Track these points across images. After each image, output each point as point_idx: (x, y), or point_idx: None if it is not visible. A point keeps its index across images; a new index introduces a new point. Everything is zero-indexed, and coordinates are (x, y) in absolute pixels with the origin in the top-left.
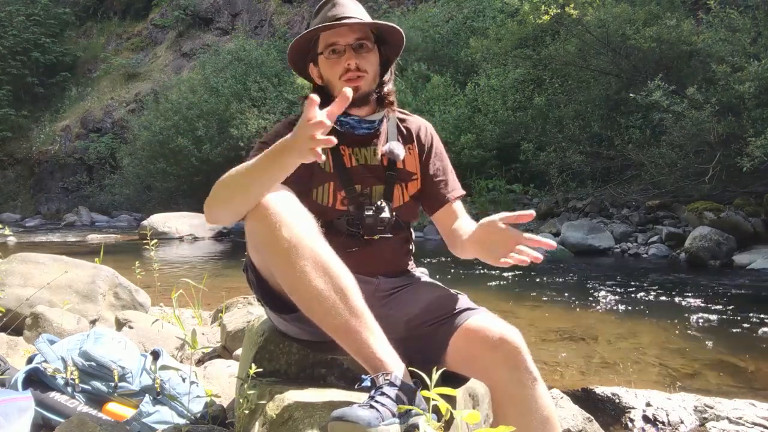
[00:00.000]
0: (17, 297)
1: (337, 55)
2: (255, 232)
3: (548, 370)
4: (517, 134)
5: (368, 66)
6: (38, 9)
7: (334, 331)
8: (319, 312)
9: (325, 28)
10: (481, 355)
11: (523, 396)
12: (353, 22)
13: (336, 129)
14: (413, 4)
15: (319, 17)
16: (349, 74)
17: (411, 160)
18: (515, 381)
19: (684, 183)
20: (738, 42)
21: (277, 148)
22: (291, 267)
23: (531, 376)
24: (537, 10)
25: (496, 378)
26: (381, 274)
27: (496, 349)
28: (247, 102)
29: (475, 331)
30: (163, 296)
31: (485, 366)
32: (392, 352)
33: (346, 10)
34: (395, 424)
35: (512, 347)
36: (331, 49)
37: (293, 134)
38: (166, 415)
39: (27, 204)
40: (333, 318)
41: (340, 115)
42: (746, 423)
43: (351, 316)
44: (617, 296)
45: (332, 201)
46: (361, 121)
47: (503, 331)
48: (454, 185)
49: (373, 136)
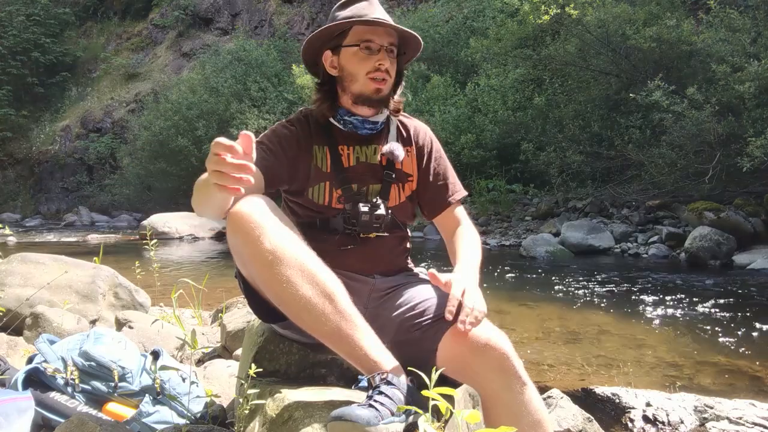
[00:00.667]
0: (17, 297)
1: (369, 52)
2: (237, 245)
3: (548, 370)
4: (517, 134)
5: (392, 71)
6: (38, 9)
7: (326, 337)
8: (308, 320)
9: (367, 23)
10: (468, 360)
11: (513, 401)
12: (394, 25)
13: (339, 128)
14: (413, 4)
15: (350, 10)
16: (378, 74)
17: (408, 162)
18: (504, 386)
19: (684, 183)
20: (738, 42)
21: (201, 182)
22: (276, 278)
23: (520, 380)
24: (537, 10)
25: (484, 383)
26: (377, 273)
27: (483, 354)
28: (247, 102)
29: (462, 336)
30: (163, 296)
31: (473, 371)
32: (386, 352)
33: (380, 12)
34: (394, 423)
35: (499, 353)
36: (366, 45)
37: None
38: (166, 415)
39: (27, 204)
40: (323, 324)
41: (345, 115)
42: (746, 423)
43: (341, 321)
44: (617, 296)
45: (328, 200)
46: (364, 122)
47: (490, 335)
48: (454, 189)
49: (376, 135)
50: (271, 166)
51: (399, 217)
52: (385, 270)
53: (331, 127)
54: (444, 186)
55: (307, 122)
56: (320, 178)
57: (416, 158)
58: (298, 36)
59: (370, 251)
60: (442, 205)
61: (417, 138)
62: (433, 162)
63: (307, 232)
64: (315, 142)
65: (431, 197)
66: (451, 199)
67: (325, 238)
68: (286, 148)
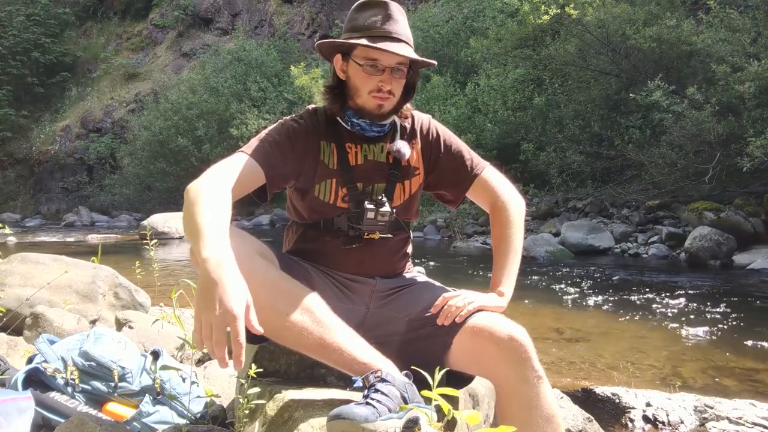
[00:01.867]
0: (17, 297)
1: (374, 70)
2: None
3: (548, 370)
4: (517, 134)
5: (397, 89)
6: (38, 9)
7: (311, 350)
8: (290, 338)
9: (376, 47)
10: (487, 353)
11: (528, 393)
12: (404, 54)
13: (346, 128)
14: (413, 4)
15: (364, 17)
16: (381, 94)
17: (414, 155)
18: (520, 378)
19: (684, 183)
20: (738, 42)
21: (206, 267)
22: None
23: (536, 373)
24: (537, 10)
25: (501, 375)
26: (378, 275)
27: (504, 346)
28: (247, 102)
29: (482, 329)
30: (163, 296)
31: (491, 363)
32: (374, 352)
33: (398, 28)
34: (392, 419)
35: (519, 345)
36: (371, 63)
37: (218, 290)
38: (166, 415)
39: (27, 204)
40: (305, 339)
41: (353, 117)
42: (746, 423)
43: (323, 331)
44: (617, 296)
45: (334, 198)
46: (372, 125)
47: (511, 329)
48: (473, 163)
49: (383, 135)
50: (277, 165)
51: (402, 216)
52: (386, 272)
53: (338, 125)
54: (462, 163)
55: (316, 117)
56: (326, 175)
57: (422, 150)
58: (298, 36)
59: (373, 253)
60: (467, 182)
61: (421, 128)
62: (443, 145)
63: (311, 233)
64: (323, 137)
65: (452, 179)
66: (476, 171)
67: (328, 240)
68: (294, 140)
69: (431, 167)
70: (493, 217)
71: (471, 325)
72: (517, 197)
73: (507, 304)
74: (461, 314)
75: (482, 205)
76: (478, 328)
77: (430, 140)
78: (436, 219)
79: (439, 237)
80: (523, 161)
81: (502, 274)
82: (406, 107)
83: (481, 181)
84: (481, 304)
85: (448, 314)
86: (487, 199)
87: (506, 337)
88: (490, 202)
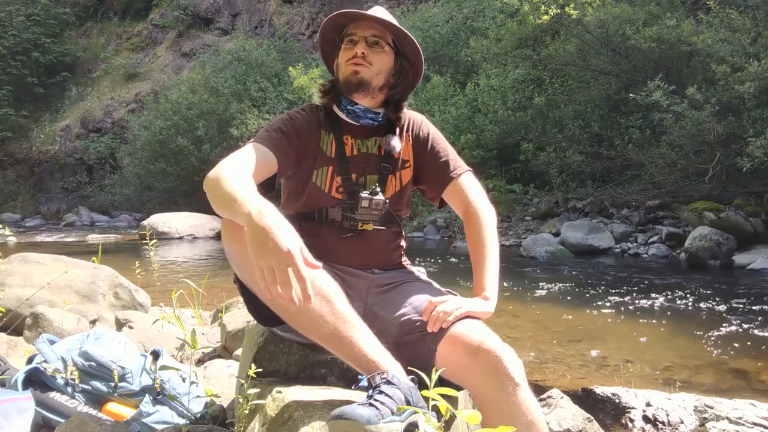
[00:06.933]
0: (17, 297)
1: (352, 44)
2: (231, 250)
3: (548, 370)
4: (517, 134)
5: (376, 60)
6: (38, 9)
7: (324, 339)
8: (305, 324)
9: (345, 15)
10: (461, 363)
11: (506, 402)
12: (371, 15)
13: (342, 118)
14: (413, 4)
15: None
16: (355, 59)
17: (405, 149)
18: (496, 388)
19: (684, 183)
20: (738, 42)
21: (254, 220)
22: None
23: (512, 382)
24: (537, 10)
25: (477, 384)
26: (375, 267)
27: (476, 356)
28: (247, 102)
29: (456, 338)
30: (163, 296)
31: (465, 373)
32: (385, 352)
33: (377, 13)
34: (395, 422)
35: (492, 355)
36: (349, 38)
37: (273, 235)
38: (166, 415)
39: (27, 204)
40: (321, 327)
41: (348, 104)
42: (746, 423)
43: (338, 322)
44: (617, 296)
45: (329, 186)
46: (366, 111)
47: (483, 338)
48: (456, 164)
49: (376, 128)
50: (286, 151)
51: (394, 207)
52: (381, 264)
53: (337, 117)
54: (445, 163)
55: (317, 110)
56: (324, 162)
57: (412, 144)
58: (298, 36)
59: (366, 243)
60: (445, 181)
61: (412, 125)
62: (431, 143)
63: (305, 225)
64: (323, 127)
65: (433, 177)
66: (453, 174)
67: (323, 232)
68: (298, 129)
69: (418, 161)
70: (466, 223)
71: (449, 334)
72: (488, 205)
73: (494, 308)
74: (448, 320)
75: (456, 209)
76: (453, 336)
77: (420, 136)
78: (436, 219)
79: (439, 237)
80: (523, 161)
81: (484, 278)
82: (403, 113)
83: (457, 185)
84: (468, 309)
85: (436, 320)
86: (461, 204)
87: (477, 347)
88: (463, 207)
